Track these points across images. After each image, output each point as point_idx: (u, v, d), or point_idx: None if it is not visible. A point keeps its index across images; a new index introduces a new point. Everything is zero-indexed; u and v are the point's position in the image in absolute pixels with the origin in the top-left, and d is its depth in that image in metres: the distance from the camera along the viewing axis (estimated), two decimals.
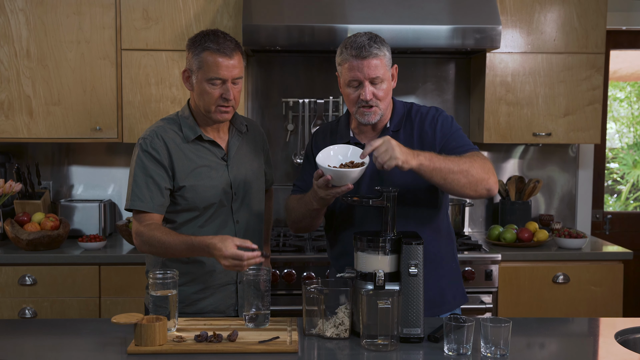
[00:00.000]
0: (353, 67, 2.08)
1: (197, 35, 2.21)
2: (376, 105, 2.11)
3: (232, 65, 2.14)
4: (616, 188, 4.52)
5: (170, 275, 1.94)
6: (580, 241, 3.30)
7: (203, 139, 2.22)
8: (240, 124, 2.32)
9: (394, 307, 1.80)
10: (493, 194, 2.09)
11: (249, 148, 2.33)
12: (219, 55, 2.13)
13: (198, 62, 2.15)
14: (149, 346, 1.80)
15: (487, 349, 1.77)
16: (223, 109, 2.17)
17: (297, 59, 3.69)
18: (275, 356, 1.78)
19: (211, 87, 2.14)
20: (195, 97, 2.20)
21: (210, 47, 2.13)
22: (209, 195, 2.19)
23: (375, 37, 2.11)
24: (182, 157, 2.19)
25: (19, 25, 3.25)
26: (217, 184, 2.21)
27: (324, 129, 2.35)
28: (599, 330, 2.13)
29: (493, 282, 3.17)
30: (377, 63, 2.07)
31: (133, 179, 2.17)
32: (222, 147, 2.26)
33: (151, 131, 2.21)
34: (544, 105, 3.44)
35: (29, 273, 3.07)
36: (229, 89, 2.15)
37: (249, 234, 2.28)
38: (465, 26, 3.14)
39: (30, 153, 3.65)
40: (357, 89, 2.11)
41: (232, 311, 2.26)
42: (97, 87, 3.30)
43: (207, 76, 2.13)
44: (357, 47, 2.07)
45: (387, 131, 2.20)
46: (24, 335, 1.97)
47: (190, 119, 2.23)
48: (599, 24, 3.40)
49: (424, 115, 2.22)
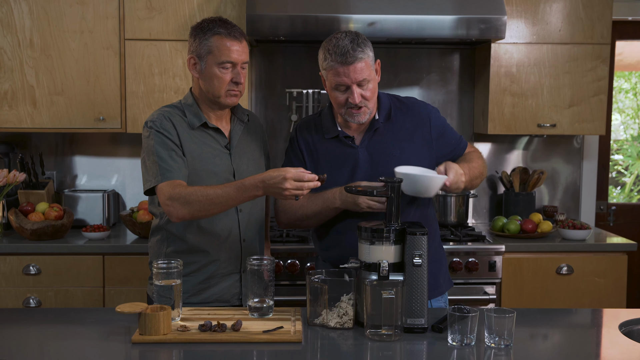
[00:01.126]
0: (339, 72, 2.09)
1: (203, 21, 2.20)
2: (365, 105, 2.13)
3: (242, 49, 2.16)
4: (620, 180, 4.51)
5: (175, 265, 1.94)
6: (584, 232, 3.29)
7: (208, 126, 2.22)
8: (242, 113, 2.32)
9: (398, 297, 1.80)
10: None
11: (251, 138, 2.33)
12: (229, 39, 2.14)
13: (207, 47, 2.14)
14: (153, 335, 1.80)
15: (491, 340, 1.77)
16: (233, 92, 2.18)
17: (300, 49, 3.68)
18: (279, 346, 1.79)
19: (222, 71, 2.15)
20: (204, 83, 2.19)
21: (220, 31, 2.14)
22: (213, 181, 2.18)
23: (357, 37, 2.10)
24: (188, 141, 2.19)
25: (22, 15, 3.25)
26: (221, 171, 2.21)
27: (307, 123, 2.32)
28: (603, 321, 2.13)
29: (497, 273, 3.17)
30: (362, 66, 2.08)
31: (156, 156, 2.11)
32: (225, 135, 2.26)
33: (159, 114, 2.20)
34: (549, 96, 3.42)
35: (33, 263, 3.08)
36: (239, 73, 2.16)
37: (251, 223, 2.28)
38: (469, 16, 3.12)
39: (34, 143, 3.66)
40: (344, 92, 2.12)
41: (236, 300, 2.27)
42: (100, 77, 3.29)
43: (219, 60, 2.14)
44: (341, 54, 2.07)
45: (377, 123, 2.21)
46: (29, 325, 1.98)
47: (195, 107, 2.23)
48: (605, 14, 3.38)
49: (414, 108, 2.27)
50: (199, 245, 2.19)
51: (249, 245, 2.27)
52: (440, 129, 2.27)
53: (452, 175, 2.04)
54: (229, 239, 2.22)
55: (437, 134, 2.25)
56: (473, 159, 2.29)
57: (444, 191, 2.11)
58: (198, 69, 2.19)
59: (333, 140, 2.24)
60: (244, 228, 2.25)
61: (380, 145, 2.20)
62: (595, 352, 1.88)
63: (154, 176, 2.11)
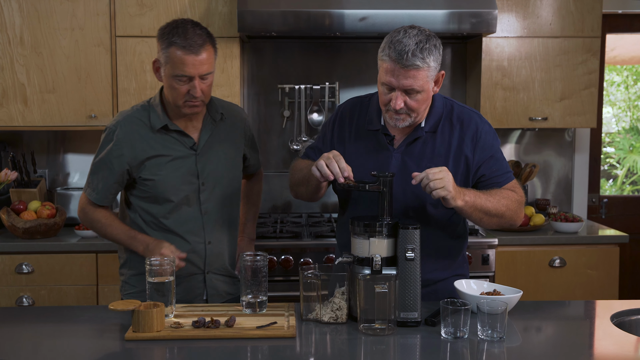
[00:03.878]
0: (389, 70, 1.92)
1: (167, 25, 2.11)
2: (406, 113, 1.97)
3: (200, 61, 2.05)
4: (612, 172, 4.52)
5: (168, 262, 1.94)
6: (577, 225, 3.31)
7: (169, 128, 2.18)
8: (215, 112, 2.25)
9: (391, 291, 1.80)
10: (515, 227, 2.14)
11: (224, 136, 2.27)
12: (185, 52, 2.04)
13: (165, 57, 2.08)
14: (146, 332, 1.80)
15: (483, 332, 1.78)
16: (191, 104, 2.12)
17: (292, 45, 3.67)
18: (273, 341, 1.79)
19: (178, 82, 2.08)
20: (165, 89, 2.16)
21: (176, 42, 2.04)
22: (171, 185, 2.17)
23: (426, 41, 1.91)
24: (145, 148, 2.16)
25: (12, 12, 3.23)
26: (182, 175, 2.18)
27: (353, 106, 2.17)
28: (595, 312, 2.14)
29: (490, 266, 3.18)
30: (416, 74, 1.90)
31: (92, 168, 2.23)
32: (192, 137, 2.21)
33: (116, 121, 2.20)
34: (540, 89, 3.43)
35: (26, 261, 3.07)
36: (195, 86, 2.08)
37: (218, 225, 2.26)
38: (461, 10, 3.12)
39: (25, 141, 3.64)
40: (389, 92, 1.96)
41: (199, 300, 2.27)
42: (91, 75, 3.28)
43: (174, 72, 2.07)
44: (399, 52, 1.88)
45: (421, 131, 2.05)
46: (22, 323, 1.97)
47: (160, 107, 2.19)
48: (595, 7, 3.39)
49: (467, 123, 2.07)
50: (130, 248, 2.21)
51: (214, 247, 2.26)
52: (486, 153, 2.06)
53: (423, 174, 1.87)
54: (193, 241, 2.22)
55: (480, 158, 2.05)
56: (498, 195, 2.01)
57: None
58: (160, 74, 2.14)
59: (372, 133, 2.10)
60: (209, 230, 2.24)
61: (417, 156, 2.05)
62: (588, 343, 1.89)
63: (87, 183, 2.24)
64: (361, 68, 3.68)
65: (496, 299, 1.90)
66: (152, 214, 2.22)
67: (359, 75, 3.69)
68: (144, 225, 2.23)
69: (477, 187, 2.08)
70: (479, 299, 1.87)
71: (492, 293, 1.98)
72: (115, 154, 2.17)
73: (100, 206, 2.24)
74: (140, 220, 2.23)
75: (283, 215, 3.65)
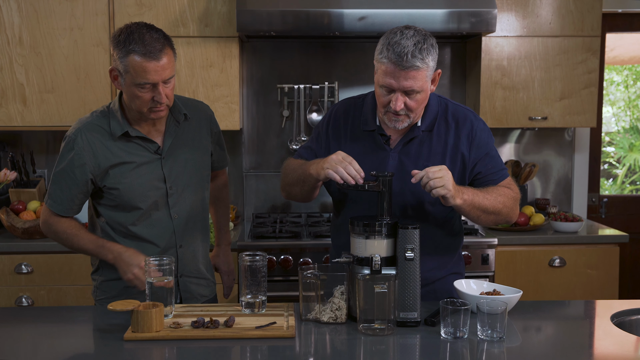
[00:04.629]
0: (388, 73, 1.91)
1: (120, 32, 2.02)
2: (406, 114, 1.97)
3: (162, 67, 1.99)
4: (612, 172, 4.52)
5: (167, 262, 1.94)
6: (576, 225, 3.30)
7: (130, 135, 2.11)
8: (178, 112, 2.18)
9: (391, 291, 1.80)
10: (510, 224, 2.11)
11: (190, 136, 2.22)
12: (145, 59, 1.96)
13: (124, 66, 1.99)
14: (145, 332, 1.80)
15: (483, 332, 1.78)
16: (156, 109, 2.06)
17: (292, 45, 3.67)
18: (272, 341, 1.78)
19: (141, 90, 2.01)
20: (126, 98, 2.08)
21: (135, 49, 1.97)
22: (138, 193, 2.13)
23: (424, 41, 1.91)
24: (108, 156, 2.10)
25: (11, 12, 3.23)
26: (148, 181, 2.14)
27: (347, 107, 2.16)
28: (595, 312, 2.14)
29: (489, 266, 3.18)
30: (416, 75, 1.90)
31: (53, 177, 2.14)
32: (155, 141, 2.15)
33: (76, 129, 2.12)
34: (540, 89, 3.43)
35: (25, 261, 3.07)
36: (160, 92, 2.01)
37: (189, 228, 2.23)
38: (460, 10, 3.12)
39: (24, 141, 3.64)
40: (388, 94, 1.95)
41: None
42: (90, 75, 3.28)
43: (135, 81, 1.99)
44: (398, 54, 1.88)
45: (418, 131, 2.06)
46: (21, 324, 1.97)
47: (119, 114, 2.12)
48: (595, 6, 3.39)
49: (462, 121, 2.08)
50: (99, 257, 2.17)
51: (186, 250, 2.23)
52: (482, 151, 2.08)
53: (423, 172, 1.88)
54: (164, 245, 2.19)
55: (476, 156, 2.07)
56: (495, 192, 2.03)
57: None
58: (119, 82, 2.06)
59: (367, 133, 2.10)
60: (180, 234, 2.21)
61: (414, 155, 2.06)
62: (588, 343, 1.89)
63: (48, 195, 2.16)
64: (360, 68, 3.68)
65: (496, 299, 1.90)
66: (120, 222, 2.16)
67: (358, 74, 3.69)
68: (113, 233, 2.17)
69: (473, 184, 2.10)
70: (478, 298, 1.87)
71: (492, 293, 1.98)
72: (77, 164, 2.09)
73: (64, 216, 2.16)
74: (108, 229, 2.18)
75: (282, 215, 3.65)
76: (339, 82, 3.66)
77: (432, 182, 1.86)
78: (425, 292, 2.05)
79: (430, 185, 1.86)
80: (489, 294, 1.96)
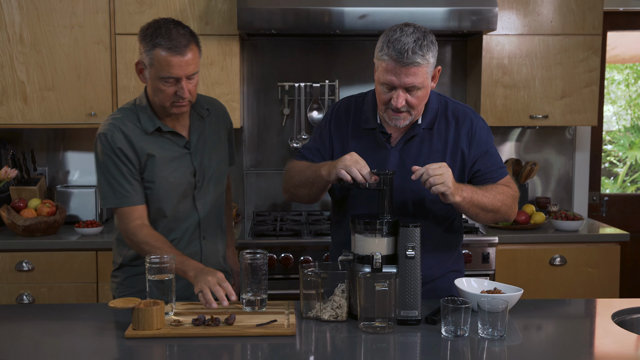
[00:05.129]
0: (389, 70, 1.92)
1: (148, 26, 2.07)
2: (407, 111, 1.98)
3: (186, 62, 2.02)
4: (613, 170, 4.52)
5: (167, 260, 1.94)
6: (577, 223, 3.30)
7: (162, 130, 2.15)
8: (201, 108, 2.24)
9: (392, 289, 1.80)
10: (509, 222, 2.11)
11: (212, 130, 2.27)
12: (170, 53, 2.00)
13: (149, 59, 2.04)
14: (146, 330, 1.80)
15: (484, 331, 1.78)
16: (178, 104, 2.09)
17: (292, 43, 3.66)
18: (273, 339, 1.78)
19: (164, 84, 2.04)
20: (150, 91, 2.12)
21: (161, 44, 2.01)
22: (173, 186, 2.16)
23: (424, 38, 1.91)
24: (144, 148, 2.13)
25: (12, 10, 3.22)
26: (181, 174, 2.17)
27: (348, 106, 2.17)
28: (596, 311, 2.14)
29: (490, 264, 3.17)
30: (417, 72, 1.91)
31: (112, 178, 2.11)
32: (184, 135, 2.19)
33: (109, 124, 2.13)
34: (541, 87, 3.43)
35: (26, 259, 3.07)
36: (183, 87, 2.05)
37: (211, 219, 2.26)
38: (461, 8, 3.11)
39: (25, 139, 3.64)
40: (389, 91, 1.96)
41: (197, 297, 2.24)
42: (91, 72, 3.28)
43: (160, 74, 2.03)
44: (399, 51, 1.88)
45: (418, 129, 2.07)
46: (22, 321, 1.97)
47: (148, 109, 2.15)
48: (596, 5, 3.38)
49: (462, 119, 2.09)
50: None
51: (208, 242, 2.26)
52: (482, 149, 2.08)
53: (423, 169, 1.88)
54: (189, 237, 2.22)
55: (476, 153, 2.08)
56: (494, 190, 2.04)
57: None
58: (144, 76, 2.10)
59: (369, 131, 2.10)
60: (204, 226, 2.24)
61: (415, 153, 2.07)
62: (589, 341, 1.89)
63: (110, 196, 2.13)
64: (361, 66, 3.68)
65: (497, 297, 1.90)
66: (151, 217, 2.19)
67: (359, 73, 3.69)
68: None
69: (472, 182, 2.10)
70: (479, 297, 1.87)
71: (493, 291, 1.98)
72: (119, 152, 2.11)
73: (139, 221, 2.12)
74: None
75: (283, 214, 3.65)
76: (339, 80, 3.66)
77: (432, 179, 1.86)
78: (425, 290, 2.05)
79: (430, 182, 1.87)
80: (490, 293, 1.96)
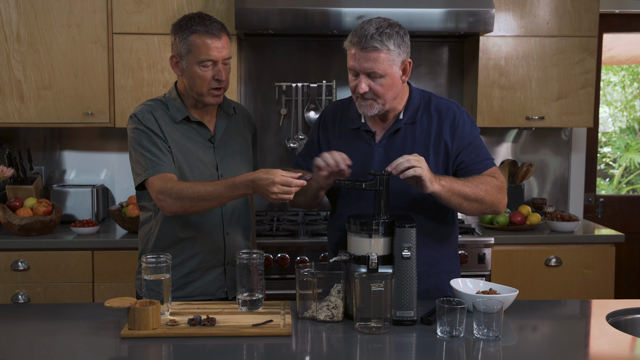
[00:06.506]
0: (352, 55, 2.00)
1: (182, 19, 2.18)
2: (372, 98, 2.02)
3: (222, 45, 2.14)
4: (609, 172, 4.53)
5: (164, 259, 1.94)
6: (573, 224, 3.31)
7: (190, 119, 2.22)
8: (227, 106, 2.31)
9: (387, 289, 1.80)
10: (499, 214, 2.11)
11: (237, 131, 2.33)
12: (207, 36, 2.12)
13: (187, 46, 2.13)
14: (142, 330, 1.80)
15: (479, 331, 1.78)
16: (215, 92, 2.16)
17: (290, 43, 3.67)
18: (269, 339, 1.79)
19: (203, 69, 2.13)
20: (187, 81, 2.18)
21: (198, 29, 2.12)
22: (196, 175, 2.19)
23: (385, 27, 1.97)
24: (172, 135, 2.19)
25: (9, 9, 3.22)
26: (204, 165, 2.21)
27: (335, 109, 2.24)
28: (591, 312, 2.14)
29: (486, 265, 3.18)
30: (376, 57, 1.95)
31: (145, 149, 2.13)
32: (209, 129, 2.25)
33: (142, 108, 2.21)
34: (537, 89, 3.44)
35: (21, 258, 3.07)
36: (220, 70, 2.14)
37: (235, 216, 2.28)
38: (458, 9, 3.12)
39: (21, 138, 3.63)
40: (355, 78, 2.02)
41: (221, 293, 2.27)
42: (88, 72, 3.28)
43: (198, 59, 2.12)
44: (359, 36, 1.96)
45: (400, 123, 2.10)
46: (18, 321, 1.97)
47: (178, 101, 2.23)
48: (592, 7, 3.39)
49: (445, 112, 2.11)
50: (183, 238, 2.20)
51: (232, 238, 2.27)
52: (465, 141, 2.10)
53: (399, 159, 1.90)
54: (213, 232, 2.22)
55: (459, 145, 2.09)
56: (476, 180, 2.04)
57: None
58: (180, 67, 2.18)
59: (354, 131, 2.15)
60: (228, 221, 2.25)
61: (398, 148, 2.10)
62: (584, 342, 1.89)
63: (143, 169, 2.13)
64: None
65: (492, 297, 1.90)
66: None
67: None
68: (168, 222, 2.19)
69: (457, 174, 2.12)
70: (475, 297, 1.88)
71: (488, 292, 1.98)
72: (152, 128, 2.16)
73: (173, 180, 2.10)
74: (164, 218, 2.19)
75: (279, 214, 3.65)
76: (336, 81, 3.66)
77: (407, 162, 1.88)
78: (421, 290, 2.05)
79: (405, 165, 1.88)
80: (485, 293, 1.97)
